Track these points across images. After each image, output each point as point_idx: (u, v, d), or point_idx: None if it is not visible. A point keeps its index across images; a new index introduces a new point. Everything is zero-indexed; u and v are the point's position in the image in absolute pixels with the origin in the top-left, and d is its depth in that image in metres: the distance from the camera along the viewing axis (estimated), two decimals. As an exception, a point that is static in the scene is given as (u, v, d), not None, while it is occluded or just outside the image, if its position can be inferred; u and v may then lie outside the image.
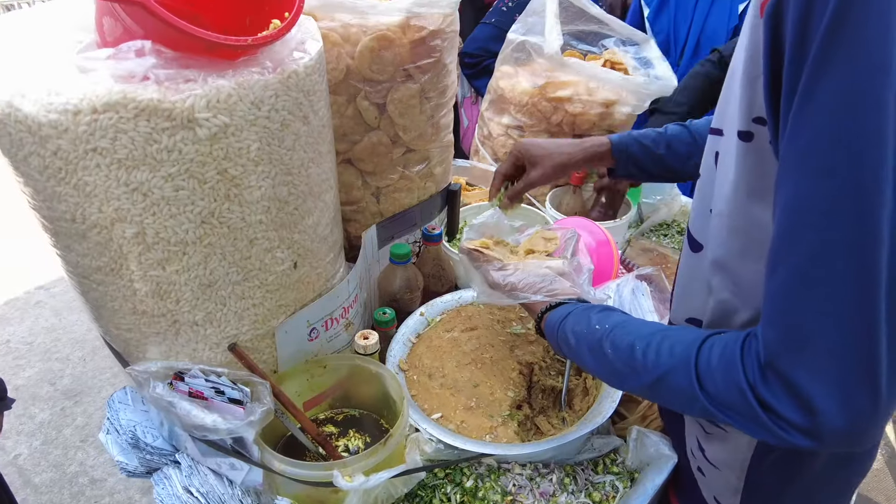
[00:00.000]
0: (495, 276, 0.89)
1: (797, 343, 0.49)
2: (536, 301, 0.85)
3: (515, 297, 0.87)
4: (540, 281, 0.86)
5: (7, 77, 0.66)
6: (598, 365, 0.72)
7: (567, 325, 0.77)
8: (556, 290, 0.85)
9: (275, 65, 0.71)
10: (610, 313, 0.75)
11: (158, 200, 0.70)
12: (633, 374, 0.66)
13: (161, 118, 0.65)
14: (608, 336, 0.70)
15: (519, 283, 0.87)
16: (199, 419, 0.81)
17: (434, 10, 0.97)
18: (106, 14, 0.69)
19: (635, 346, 0.66)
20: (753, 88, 0.55)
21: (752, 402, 0.53)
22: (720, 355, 0.57)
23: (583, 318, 0.76)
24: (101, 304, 0.84)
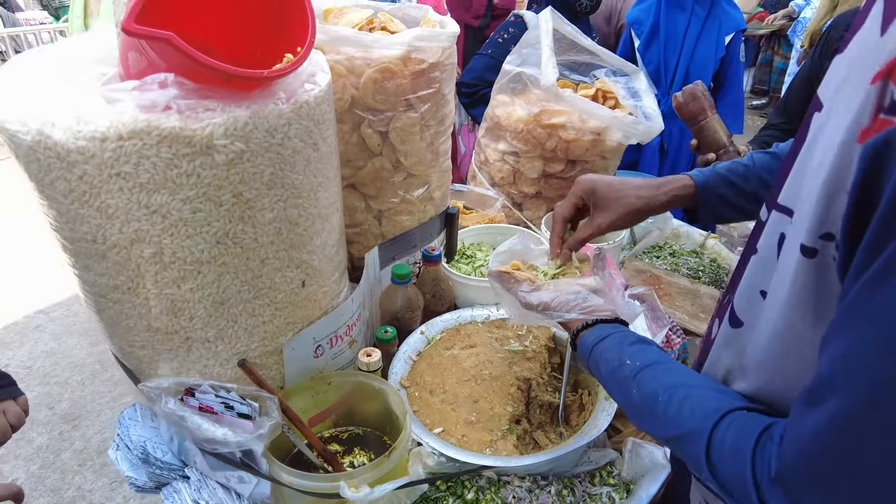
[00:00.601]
0: (528, 297, 0.88)
1: (817, 482, 0.48)
2: (571, 319, 0.84)
3: (549, 316, 0.86)
4: (573, 298, 0.85)
5: (37, 107, 0.71)
6: (623, 400, 0.72)
7: (600, 352, 0.77)
8: (590, 307, 0.83)
9: (288, 95, 0.76)
10: (643, 349, 0.73)
11: (177, 222, 0.75)
12: (652, 422, 0.67)
13: (182, 145, 0.70)
14: (636, 376, 0.69)
15: (552, 301, 0.85)
16: (210, 433, 0.84)
17: (433, 44, 1.03)
18: (131, 49, 0.74)
19: (658, 396, 0.65)
20: (829, 205, 0.50)
21: (753, 497, 0.53)
22: (734, 439, 0.56)
23: (615, 348, 0.75)
24: (115, 322, 0.88)
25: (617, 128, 1.68)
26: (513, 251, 1.00)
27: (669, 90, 2.54)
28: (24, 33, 6.22)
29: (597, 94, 1.81)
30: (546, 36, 1.69)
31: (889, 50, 0.43)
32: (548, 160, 1.74)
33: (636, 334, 0.78)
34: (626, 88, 1.86)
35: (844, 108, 0.48)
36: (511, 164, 1.78)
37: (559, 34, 1.81)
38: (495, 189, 1.83)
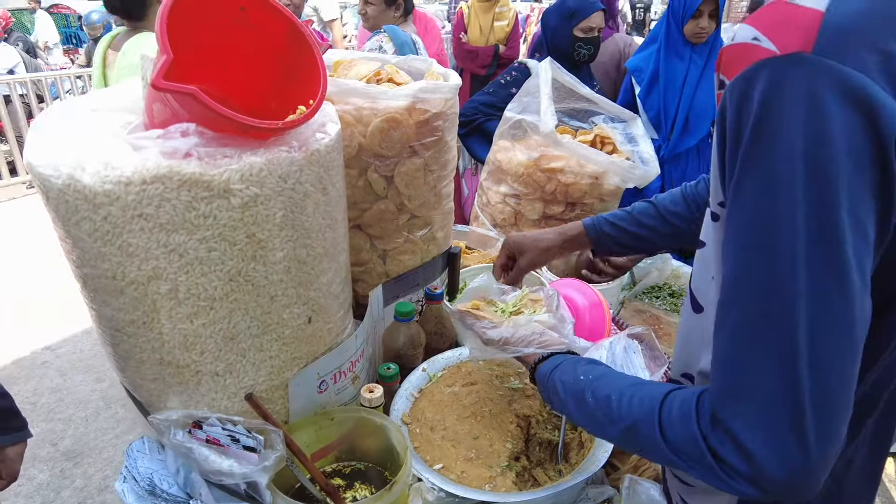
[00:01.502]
0: (489, 333, 0.97)
1: (734, 396, 0.56)
2: (529, 353, 0.93)
3: (507, 351, 0.94)
4: (530, 334, 0.94)
5: (68, 154, 0.76)
6: (581, 413, 0.79)
7: (556, 376, 0.85)
8: (545, 342, 0.93)
9: (300, 144, 0.82)
10: (594, 366, 0.83)
11: (192, 260, 0.79)
12: (609, 423, 0.73)
13: (201, 188, 0.75)
14: (590, 386, 0.77)
15: (511, 337, 0.94)
16: (216, 464, 0.87)
17: (437, 95, 1.10)
18: (156, 100, 0.81)
19: (611, 396, 0.73)
20: (717, 176, 0.63)
21: (705, 451, 0.59)
22: (679, 407, 0.63)
23: (570, 369, 0.83)
24: (129, 356, 0.91)
25: (614, 172, 1.74)
26: (477, 289, 1.10)
27: (670, 136, 2.60)
28: (45, 78, 6.46)
29: (595, 139, 1.88)
30: (545, 85, 1.77)
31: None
32: (548, 202, 1.79)
33: (587, 358, 0.88)
34: (624, 134, 1.93)
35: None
36: (512, 206, 1.84)
37: (558, 83, 1.89)
38: (497, 230, 1.89)
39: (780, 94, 0.52)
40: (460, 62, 4.45)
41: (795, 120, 0.52)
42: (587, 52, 2.45)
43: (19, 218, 5.14)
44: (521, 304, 1.07)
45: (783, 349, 0.53)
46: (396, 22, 2.74)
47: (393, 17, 2.72)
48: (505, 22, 4.08)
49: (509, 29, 4.11)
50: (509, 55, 4.06)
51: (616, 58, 2.91)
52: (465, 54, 4.32)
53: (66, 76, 6.54)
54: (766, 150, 0.53)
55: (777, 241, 0.53)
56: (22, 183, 6.06)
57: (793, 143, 0.52)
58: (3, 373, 3.10)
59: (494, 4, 4.04)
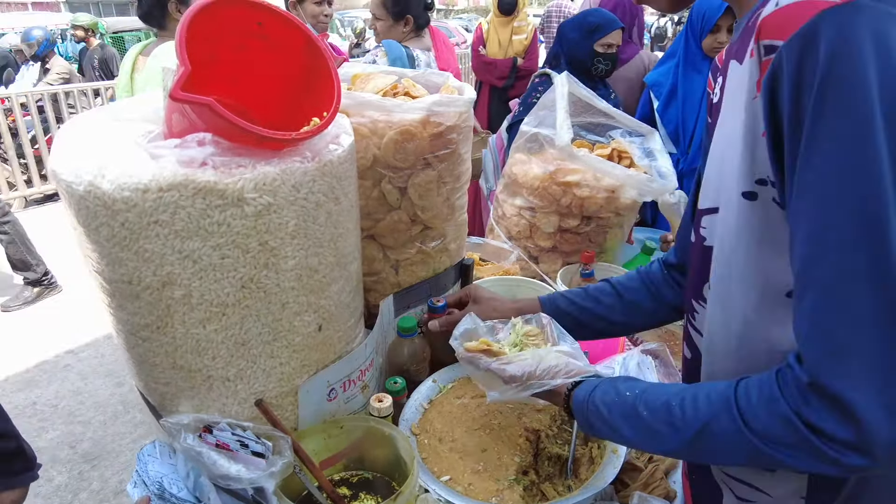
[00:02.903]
0: (511, 370, 0.91)
1: (836, 356, 0.54)
2: (556, 385, 0.88)
3: (532, 387, 0.90)
4: (555, 365, 0.90)
5: (90, 161, 0.79)
6: (634, 429, 0.74)
7: (596, 398, 0.80)
8: (572, 371, 0.89)
9: (313, 154, 0.83)
10: (635, 381, 0.79)
11: (206, 266, 0.81)
12: (672, 432, 0.68)
13: (215, 197, 0.77)
14: (640, 399, 0.73)
15: (536, 370, 0.89)
16: (225, 469, 0.88)
17: (451, 108, 1.11)
18: (175, 111, 0.83)
19: (670, 402, 0.69)
20: (753, 155, 0.62)
21: (800, 427, 0.56)
22: (758, 392, 0.60)
23: (610, 389, 0.80)
24: (143, 359, 0.93)
25: (631, 186, 1.73)
26: (468, 330, 1.03)
27: (688, 150, 2.59)
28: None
29: (612, 153, 1.88)
30: (562, 98, 1.78)
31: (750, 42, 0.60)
32: (563, 216, 1.79)
33: (621, 376, 0.84)
34: (642, 148, 1.93)
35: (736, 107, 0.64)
36: (527, 219, 1.84)
37: (575, 97, 1.89)
38: (512, 242, 1.89)
39: (847, 41, 0.52)
40: (479, 75, 4.50)
41: (867, 65, 0.51)
42: (605, 66, 2.47)
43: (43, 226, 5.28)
44: (520, 339, 1.02)
45: (886, 298, 0.52)
46: (406, 37, 2.76)
47: (402, 32, 2.74)
48: (523, 35, 4.13)
49: (528, 42, 4.15)
50: (527, 67, 4.10)
51: (641, 74, 2.90)
52: (483, 67, 4.36)
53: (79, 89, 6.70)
54: (839, 100, 0.52)
55: (864, 189, 0.52)
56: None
57: (868, 88, 0.51)
58: (27, 375, 3.18)
59: (513, 19, 4.08)
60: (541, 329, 1.02)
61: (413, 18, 2.72)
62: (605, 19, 2.42)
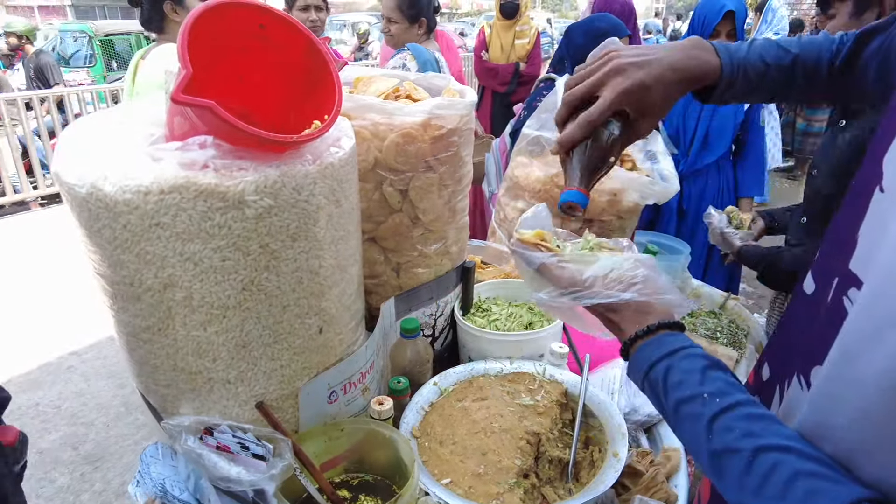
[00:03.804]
0: (570, 271, 0.70)
1: None
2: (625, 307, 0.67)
3: (597, 296, 0.68)
4: (632, 275, 0.67)
5: (92, 164, 0.79)
6: (693, 444, 0.59)
7: (663, 373, 0.62)
8: (654, 287, 0.67)
9: (314, 157, 0.84)
10: (723, 378, 0.60)
11: (207, 269, 0.81)
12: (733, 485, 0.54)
13: (216, 199, 0.77)
14: (718, 417, 0.56)
15: (607, 274, 0.68)
16: (225, 471, 0.88)
17: (452, 111, 1.11)
18: (177, 114, 0.83)
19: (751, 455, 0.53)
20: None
21: None
22: None
23: (689, 372, 0.61)
24: (144, 361, 0.94)
25: (633, 189, 1.73)
26: (533, 219, 0.83)
27: (689, 152, 2.60)
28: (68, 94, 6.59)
29: (614, 156, 1.88)
30: (564, 102, 1.77)
31: None
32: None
33: (707, 355, 0.63)
34: (644, 151, 1.92)
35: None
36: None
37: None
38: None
39: None
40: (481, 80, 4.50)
41: None
42: None
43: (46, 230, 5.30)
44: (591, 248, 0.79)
45: None
46: (419, 40, 2.77)
47: (416, 34, 2.76)
48: (526, 40, 4.12)
49: (530, 47, 4.15)
50: (530, 72, 4.10)
51: None
52: (485, 72, 4.37)
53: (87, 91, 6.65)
54: None
55: None
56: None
57: None
58: (30, 377, 3.19)
59: (515, 23, 4.08)
60: (619, 248, 0.79)
61: (426, 21, 2.74)
62: (612, 26, 2.42)
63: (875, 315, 0.49)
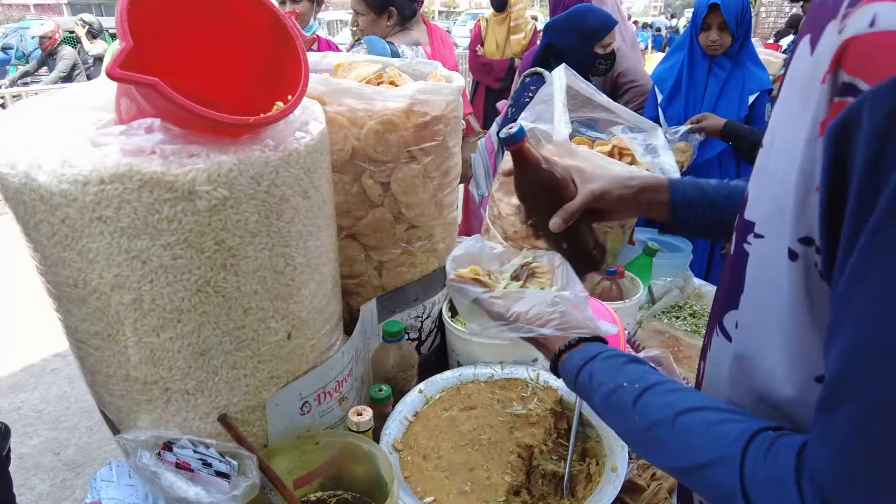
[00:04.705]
0: (498, 306, 0.80)
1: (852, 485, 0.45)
2: (548, 336, 0.76)
3: (520, 330, 0.78)
4: (551, 311, 0.77)
5: (27, 151, 0.71)
6: (623, 427, 0.66)
7: (589, 375, 0.69)
8: (570, 323, 0.76)
9: (276, 143, 0.75)
10: (640, 368, 0.67)
11: (157, 268, 0.73)
12: (661, 451, 0.61)
13: (163, 190, 0.68)
14: (637, 400, 0.63)
15: (527, 312, 0.77)
16: (182, 491, 0.79)
17: (437, 97, 1.02)
18: (123, 95, 0.75)
19: (667, 422, 0.59)
20: (803, 207, 0.49)
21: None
22: (772, 466, 0.51)
23: (608, 370, 0.68)
24: (96, 370, 0.85)
25: (632, 183, 1.65)
26: (469, 254, 0.90)
27: None
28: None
29: (613, 150, 1.79)
30: (559, 93, 1.69)
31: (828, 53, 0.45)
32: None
33: (626, 353, 0.71)
34: (644, 145, 1.84)
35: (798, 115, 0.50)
36: (524, 219, 1.75)
37: (574, 91, 1.81)
38: (508, 243, 1.80)
39: None
40: (476, 75, 4.41)
41: None
42: (606, 66, 2.42)
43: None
44: (523, 273, 0.87)
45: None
46: (391, 31, 2.60)
47: (386, 26, 2.57)
48: (521, 35, 4.03)
49: (526, 42, 4.06)
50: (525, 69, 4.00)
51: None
52: (480, 67, 4.27)
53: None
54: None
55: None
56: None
57: None
58: (12, 380, 3.09)
59: (507, 16, 3.99)
60: (551, 268, 0.88)
61: (396, 10, 2.56)
62: (601, 22, 2.31)
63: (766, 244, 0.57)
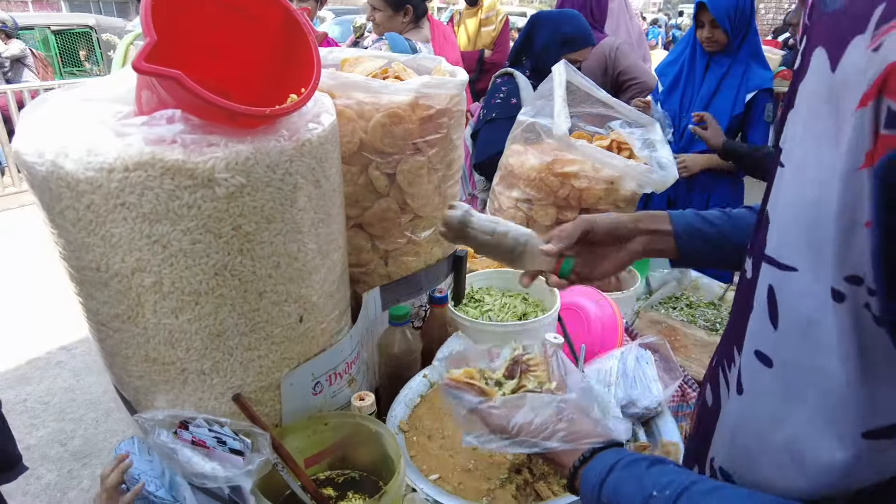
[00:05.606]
0: (498, 417, 0.72)
1: None
2: (551, 449, 0.70)
3: (523, 444, 0.71)
4: (556, 421, 0.70)
5: (53, 140, 0.74)
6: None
7: (614, 489, 0.62)
8: (578, 433, 0.69)
9: (291, 133, 0.79)
10: (664, 470, 0.61)
11: (176, 252, 0.76)
12: None
13: (184, 177, 0.72)
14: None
15: (527, 424, 0.70)
16: (199, 467, 0.83)
17: (441, 91, 1.06)
18: (144, 87, 0.78)
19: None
20: (847, 243, 0.45)
21: None
22: None
23: (632, 479, 0.62)
24: (115, 352, 0.89)
25: (631, 177, 1.68)
26: (456, 353, 0.87)
27: (682, 137, 2.57)
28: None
29: (611, 144, 1.83)
30: (559, 87, 1.73)
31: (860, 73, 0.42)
32: (561, 208, 1.74)
33: (646, 455, 0.65)
34: (642, 140, 1.87)
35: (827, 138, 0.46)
36: (524, 212, 1.79)
37: (573, 87, 1.84)
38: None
39: None
40: (445, 65, 4.40)
41: None
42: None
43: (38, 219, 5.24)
44: (515, 370, 0.83)
45: None
46: (405, 28, 2.69)
47: (402, 22, 2.67)
48: (492, 27, 4.04)
49: (496, 34, 4.05)
50: (495, 60, 3.99)
51: (602, 62, 2.84)
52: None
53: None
54: None
55: None
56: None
57: None
58: (18, 372, 3.13)
59: (478, 10, 4.00)
60: (543, 359, 0.84)
61: (412, 8, 2.65)
62: (580, 34, 2.30)
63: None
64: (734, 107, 2.49)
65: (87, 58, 10.21)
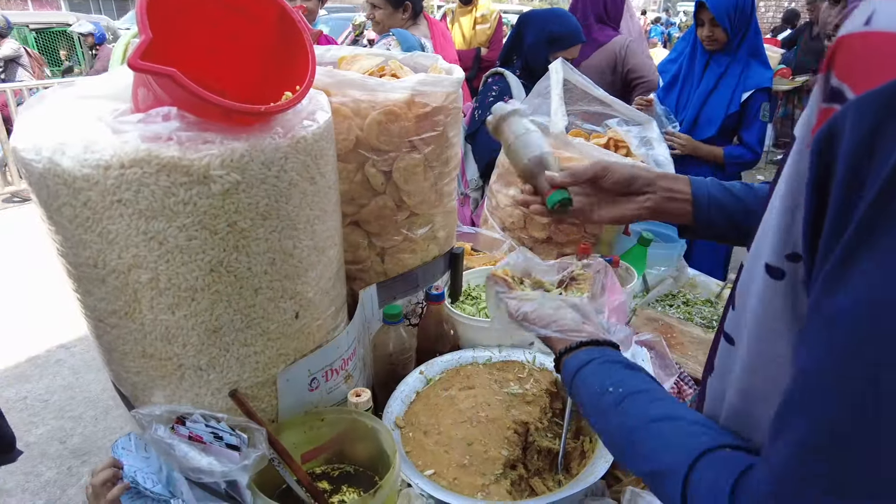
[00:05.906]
0: (511, 305, 0.89)
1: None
2: (552, 337, 0.82)
3: (526, 329, 0.86)
4: (551, 314, 0.83)
5: (50, 137, 0.75)
6: (603, 430, 0.68)
7: (582, 378, 0.73)
8: (564, 326, 0.81)
9: (286, 131, 0.79)
10: (629, 375, 0.69)
11: (172, 248, 0.77)
12: (630, 454, 0.64)
13: (180, 174, 0.72)
14: (619, 405, 0.65)
15: (531, 313, 0.85)
16: (196, 461, 0.84)
17: (437, 89, 1.06)
18: (141, 85, 0.79)
19: (639, 428, 0.62)
20: (790, 221, 0.47)
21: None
22: (713, 480, 0.52)
23: (599, 374, 0.71)
24: (113, 347, 0.89)
25: (628, 175, 1.69)
26: (519, 263, 1.01)
27: None
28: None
29: (609, 142, 1.84)
30: (556, 85, 1.73)
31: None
32: (558, 220, 1.74)
33: (625, 360, 0.74)
34: (639, 138, 1.88)
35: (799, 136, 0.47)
36: (521, 209, 1.80)
37: (570, 84, 1.85)
38: (505, 233, 1.84)
39: None
40: (442, 63, 4.41)
41: None
42: None
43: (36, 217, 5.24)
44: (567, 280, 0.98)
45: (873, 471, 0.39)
46: (405, 24, 2.71)
47: (401, 19, 2.69)
48: (487, 25, 4.05)
49: (491, 32, 4.07)
50: (491, 57, 4.00)
51: (612, 60, 2.84)
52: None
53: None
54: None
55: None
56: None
57: None
58: (17, 370, 3.14)
59: (472, 9, 4.02)
60: (592, 273, 0.98)
61: (411, 5, 2.68)
62: (567, 32, 2.29)
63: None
64: (730, 105, 2.49)
65: (67, 57, 10.17)
